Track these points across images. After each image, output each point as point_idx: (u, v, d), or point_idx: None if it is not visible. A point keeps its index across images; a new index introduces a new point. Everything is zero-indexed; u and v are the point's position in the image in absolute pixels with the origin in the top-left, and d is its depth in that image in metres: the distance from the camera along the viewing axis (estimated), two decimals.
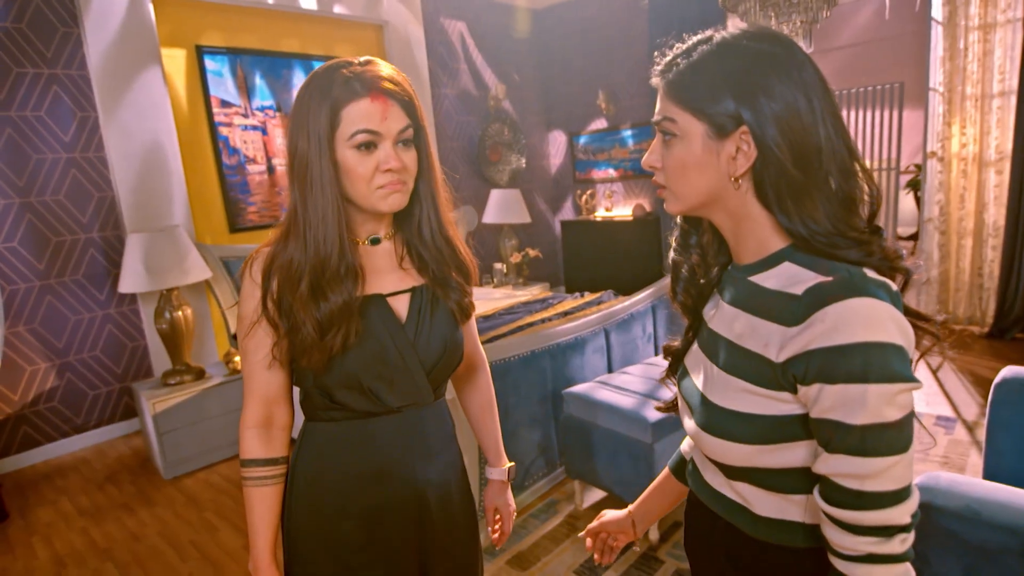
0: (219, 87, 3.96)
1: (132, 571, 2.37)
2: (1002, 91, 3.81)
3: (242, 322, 0.92)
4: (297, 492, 0.97)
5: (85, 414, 3.56)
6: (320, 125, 0.84)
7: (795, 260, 0.70)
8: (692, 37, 0.75)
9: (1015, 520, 1.06)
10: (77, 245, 3.48)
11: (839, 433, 0.61)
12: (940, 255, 4.18)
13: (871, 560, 0.62)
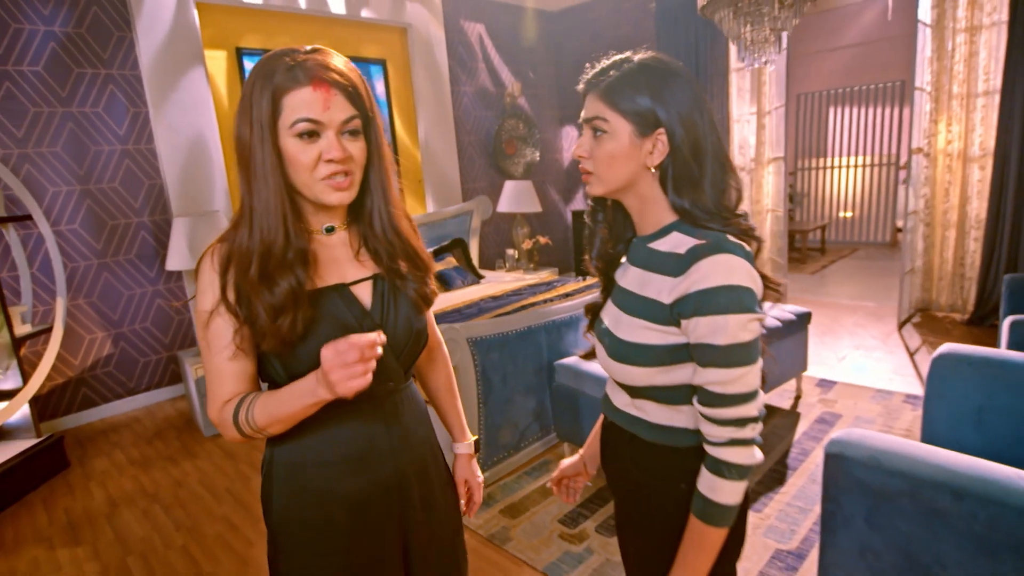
0: None
1: (175, 512, 2.58)
2: (986, 90, 3.79)
3: (200, 316, 0.86)
4: (278, 481, 0.92)
5: (137, 378, 3.80)
6: (262, 113, 0.80)
7: (681, 230, 0.88)
8: (614, 55, 0.90)
9: (907, 467, 1.17)
10: (130, 228, 3.69)
11: (709, 352, 0.80)
12: (924, 246, 4.20)
13: (732, 443, 0.82)
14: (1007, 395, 1.66)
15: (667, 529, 0.92)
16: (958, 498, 1.11)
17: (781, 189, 4.88)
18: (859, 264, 6.59)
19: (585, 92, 0.90)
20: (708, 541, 0.85)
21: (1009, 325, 2.08)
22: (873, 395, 3.10)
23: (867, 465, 1.22)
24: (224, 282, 0.83)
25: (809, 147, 8.05)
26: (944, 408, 1.77)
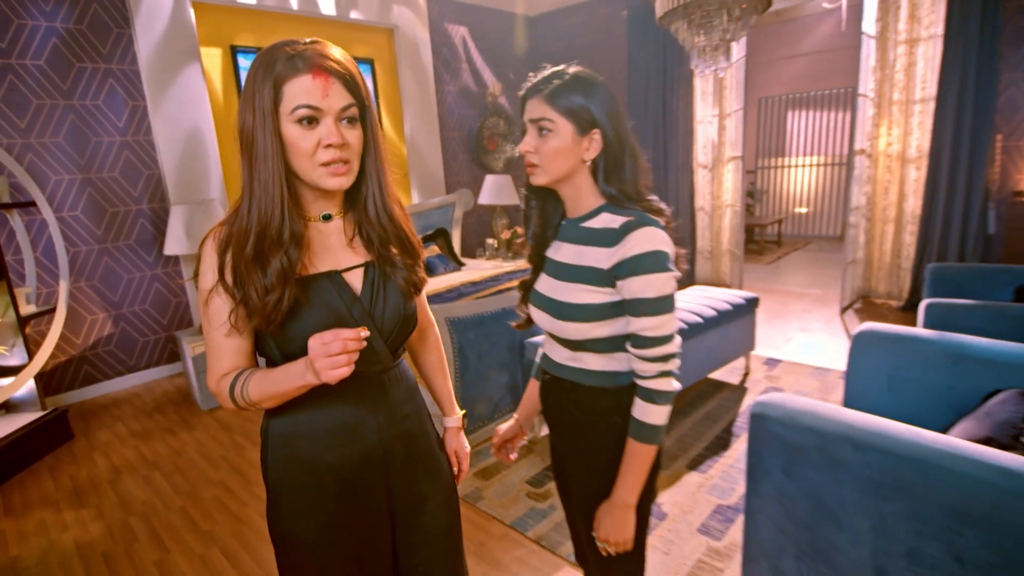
0: None
1: (174, 478, 2.64)
2: (923, 97, 3.94)
3: (201, 294, 0.87)
4: (273, 449, 0.94)
5: (136, 357, 3.83)
6: (264, 100, 0.80)
7: (609, 211, 1.02)
8: (551, 67, 1.04)
9: (816, 424, 1.29)
10: (129, 215, 3.70)
11: (642, 304, 0.96)
12: (866, 239, 4.36)
13: (660, 375, 0.99)
14: (914, 366, 1.79)
15: (606, 456, 1.06)
16: (857, 449, 1.23)
17: (739, 186, 5.01)
18: (811, 256, 6.78)
19: (528, 97, 1.02)
20: (644, 457, 1.01)
21: (925, 307, 2.22)
22: (813, 372, 3.26)
23: (783, 423, 1.34)
24: (222, 263, 0.84)
25: (769, 147, 8.21)
26: (862, 378, 1.90)
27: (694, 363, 2.81)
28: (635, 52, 5.28)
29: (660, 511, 2.10)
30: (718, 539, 1.94)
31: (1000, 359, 1.67)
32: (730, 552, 1.86)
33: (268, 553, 2.07)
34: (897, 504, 1.19)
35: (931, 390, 1.76)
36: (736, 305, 3.04)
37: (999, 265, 2.65)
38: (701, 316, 2.82)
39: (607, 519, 1.04)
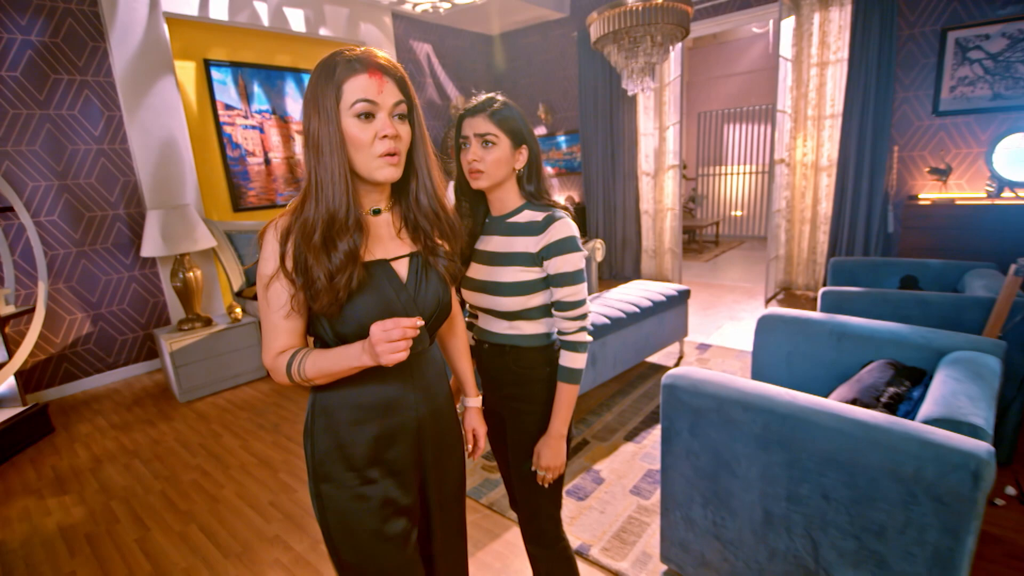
0: (223, 93, 4.12)
1: (154, 465, 2.64)
2: (832, 114, 4.20)
3: (261, 279, 0.90)
4: (317, 417, 0.97)
5: (115, 354, 3.77)
6: (328, 99, 0.84)
7: (528, 208, 1.18)
8: (484, 93, 1.18)
9: (714, 391, 1.43)
10: (106, 220, 3.64)
11: (564, 277, 1.14)
12: (786, 238, 4.61)
13: (580, 331, 1.18)
14: (806, 344, 1.97)
15: (540, 401, 1.23)
16: (746, 410, 1.38)
17: (678, 192, 5.22)
18: (744, 254, 7.08)
19: (470, 115, 1.15)
20: (571, 395, 1.20)
21: (821, 294, 2.41)
22: (737, 354, 3.46)
23: (689, 391, 1.48)
24: (283, 251, 0.87)
25: (708, 157, 8.51)
26: (766, 354, 2.07)
27: (633, 348, 2.96)
28: (585, 70, 5.44)
29: (598, 476, 2.23)
30: (647, 498, 2.08)
31: (875, 336, 1.86)
32: (656, 508, 2.00)
33: (243, 527, 2.12)
34: (778, 454, 1.34)
35: (820, 363, 1.93)
36: (670, 296, 3.20)
37: (887, 259, 2.88)
38: (639, 306, 2.97)
39: (546, 450, 1.20)
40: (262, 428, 2.97)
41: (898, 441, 1.17)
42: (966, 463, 1.09)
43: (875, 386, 1.54)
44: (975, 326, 2.03)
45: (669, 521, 1.63)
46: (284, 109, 4.51)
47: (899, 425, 1.20)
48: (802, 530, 1.33)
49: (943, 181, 3.86)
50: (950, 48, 3.77)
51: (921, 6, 3.82)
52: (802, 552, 1.34)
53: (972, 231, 3.52)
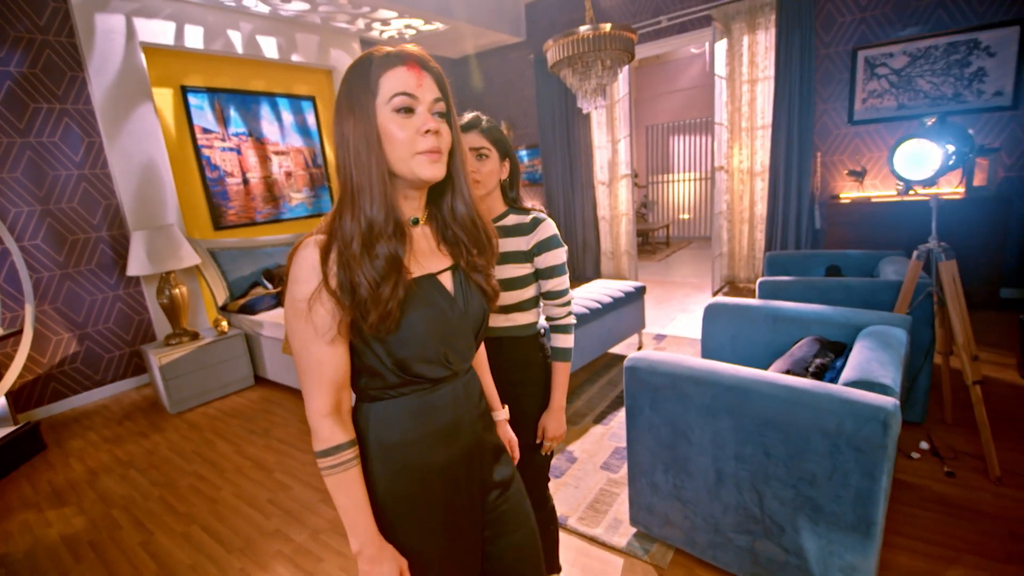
0: (201, 118, 4.07)
1: (150, 473, 2.60)
2: (763, 125, 4.45)
3: (297, 304, 0.75)
4: (375, 462, 0.83)
5: (103, 371, 3.67)
6: (363, 96, 0.76)
7: (512, 213, 1.28)
8: (471, 111, 1.28)
9: (669, 370, 1.55)
10: (89, 242, 3.55)
11: (552, 270, 1.26)
12: (728, 236, 4.84)
13: (567, 315, 1.30)
14: (747, 327, 2.12)
15: (539, 382, 1.33)
16: (697, 385, 1.50)
17: (631, 199, 5.41)
18: (692, 253, 7.36)
19: (464, 131, 1.23)
20: (566, 371, 1.31)
21: (759, 284, 2.58)
22: (690, 342, 3.63)
23: (648, 371, 1.59)
24: (326, 271, 0.75)
25: (657, 166, 8.80)
26: (713, 338, 2.21)
27: (597, 340, 3.08)
28: (542, 89, 5.58)
29: (571, 456, 2.33)
30: (616, 472, 2.19)
31: (804, 317, 2.02)
32: (624, 480, 2.11)
33: (244, 524, 2.12)
34: (725, 421, 1.46)
35: (759, 342, 2.09)
36: (628, 293, 3.35)
37: (815, 251, 3.09)
38: (601, 303, 3.10)
39: (551, 422, 1.31)
40: (253, 433, 2.96)
41: (823, 402, 1.30)
42: (877, 415, 1.23)
43: (804, 359, 1.69)
44: (888, 305, 2.23)
45: (636, 488, 1.74)
46: (260, 132, 4.48)
47: (823, 388, 1.33)
48: (749, 485, 1.45)
49: (860, 182, 4.15)
50: (860, 65, 4.06)
51: (835, 29, 4.11)
52: (750, 504, 1.47)
53: (885, 224, 3.80)
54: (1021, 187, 3.66)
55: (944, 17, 3.71)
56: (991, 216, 3.48)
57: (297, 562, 1.89)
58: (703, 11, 4.53)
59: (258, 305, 3.78)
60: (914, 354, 2.15)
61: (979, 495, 1.86)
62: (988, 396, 2.47)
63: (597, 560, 1.74)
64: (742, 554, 1.52)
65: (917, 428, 2.29)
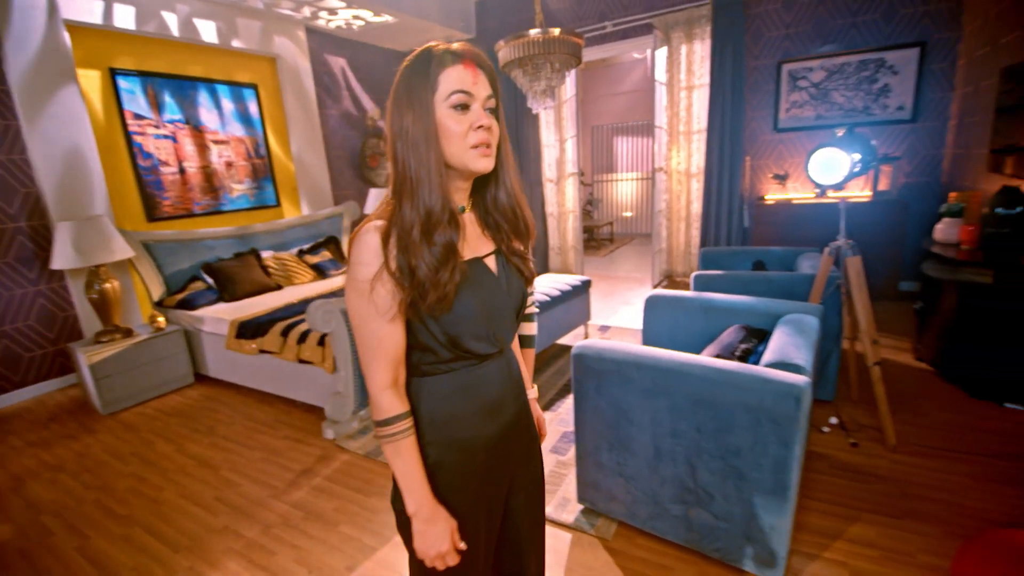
0: (132, 103, 3.83)
1: (83, 476, 2.46)
2: (699, 129, 4.72)
3: (360, 285, 0.80)
4: (429, 434, 0.89)
5: (23, 372, 3.39)
6: (422, 93, 0.80)
7: None
8: None
9: (613, 356, 1.66)
10: (5, 233, 3.27)
11: None
12: (667, 233, 5.11)
13: (532, 304, 1.24)
14: (683, 316, 2.28)
15: None
16: (638, 369, 1.62)
17: (577, 196, 5.57)
18: (635, 249, 7.66)
19: None
20: (532, 358, 1.25)
21: (693, 278, 2.77)
22: (632, 333, 3.81)
23: (594, 358, 1.70)
24: (387, 254, 0.80)
25: (602, 165, 9.08)
26: (652, 327, 2.37)
27: (546, 332, 3.19)
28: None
29: None
30: (564, 455, 2.30)
31: (732, 307, 2.20)
32: (572, 462, 2.22)
33: (190, 523, 2.06)
34: (662, 401, 1.59)
35: (693, 330, 2.25)
36: (575, 286, 3.48)
37: (743, 247, 3.34)
38: (549, 296, 3.21)
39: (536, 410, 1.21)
40: (196, 432, 2.85)
41: (747, 381, 1.45)
42: (792, 392, 1.39)
43: (732, 344, 1.86)
44: (804, 296, 2.46)
45: (583, 468, 1.85)
46: (198, 119, 4.27)
47: (747, 370, 1.48)
48: (683, 458, 1.59)
49: (783, 184, 4.50)
50: (784, 78, 4.39)
51: (762, 43, 4.41)
52: (684, 476, 1.61)
53: (804, 224, 4.15)
54: (918, 192, 4.10)
55: (857, 37, 4.08)
56: (892, 217, 3.88)
57: (250, 557, 1.86)
58: (645, 19, 4.73)
59: (198, 300, 3.62)
60: (825, 339, 2.39)
61: (877, 462, 2.11)
62: (886, 376, 2.78)
63: (549, 536, 1.83)
64: (677, 522, 1.67)
65: (828, 405, 2.55)
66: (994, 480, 1.95)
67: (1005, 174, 2.64)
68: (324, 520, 2.03)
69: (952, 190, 3.75)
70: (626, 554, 1.73)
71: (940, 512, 1.81)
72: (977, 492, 1.89)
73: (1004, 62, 2.93)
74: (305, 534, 1.96)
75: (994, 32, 3.16)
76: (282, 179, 4.99)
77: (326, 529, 1.98)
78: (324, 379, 2.81)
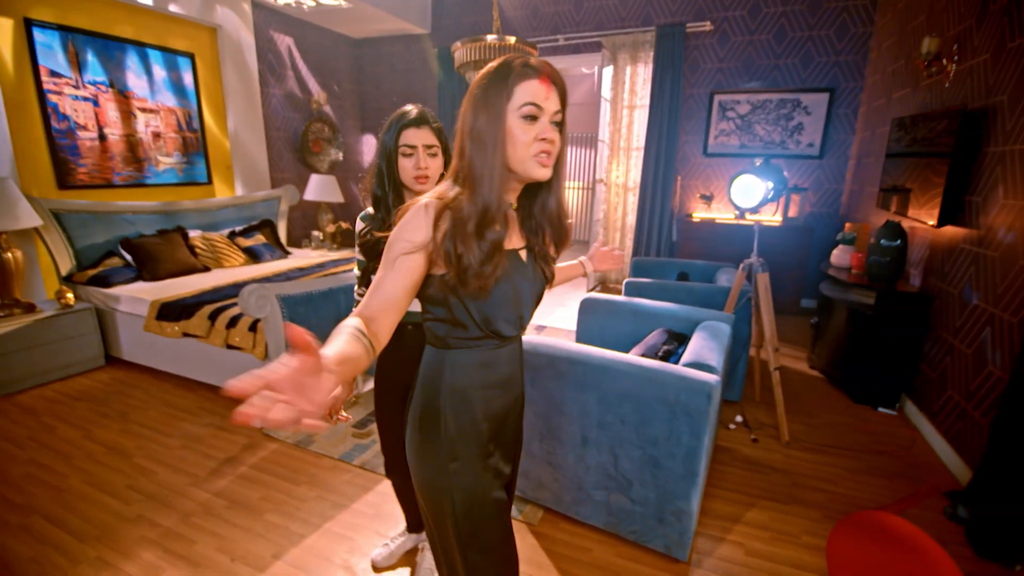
0: (49, 58, 3.48)
1: None
2: (638, 146, 4.98)
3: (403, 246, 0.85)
4: (445, 402, 0.96)
5: None
6: (499, 99, 0.85)
7: None
8: (415, 105, 1.34)
9: (549, 351, 1.76)
10: None
11: None
12: (603, 242, 5.35)
13: None
14: (613, 319, 2.43)
15: None
16: (571, 364, 1.72)
17: None
18: (573, 254, 7.91)
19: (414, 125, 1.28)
20: None
21: (624, 284, 2.95)
22: (567, 333, 3.97)
23: (530, 353, 1.78)
24: (435, 232, 0.85)
25: None
26: (586, 328, 2.50)
27: None
28: (444, 83, 5.63)
29: None
30: None
31: (658, 313, 2.37)
32: None
33: (99, 512, 1.94)
34: (592, 394, 1.70)
35: (622, 331, 2.41)
36: None
37: (671, 259, 3.59)
38: None
39: None
40: (106, 417, 2.66)
41: (666, 378, 1.59)
42: (704, 388, 1.54)
43: (655, 346, 2.01)
44: (720, 306, 2.69)
45: None
46: (124, 83, 3.94)
47: (667, 368, 1.62)
48: (607, 448, 1.71)
49: (708, 204, 4.85)
50: (715, 107, 4.74)
51: (698, 73, 4.74)
52: (607, 464, 1.73)
53: (725, 241, 4.50)
54: (822, 221, 4.57)
55: (779, 78, 4.49)
56: (799, 241, 4.30)
57: (166, 546, 1.78)
58: (595, 37, 4.94)
59: (114, 277, 3.36)
60: (735, 345, 2.63)
61: (773, 455, 2.36)
62: (785, 381, 3.10)
63: None
64: (599, 507, 1.79)
65: (735, 405, 2.80)
66: (865, 472, 2.24)
67: (890, 210, 3.03)
68: (249, 508, 1.97)
69: (848, 221, 4.22)
70: (551, 537, 1.83)
71: (821, 499, 2.06)
72: (851, 482, 2.17)
73: (896, 113, 3.36)
74: (228, 523, 1.90)
75: (889, 86, 3.61)
76: (216, 156, 4.71)
77: (251, 517, 1.93)
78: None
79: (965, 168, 2.35)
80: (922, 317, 2.60)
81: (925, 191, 2.56)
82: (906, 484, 2.15)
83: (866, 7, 4.14)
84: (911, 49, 3.21)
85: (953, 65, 2.58)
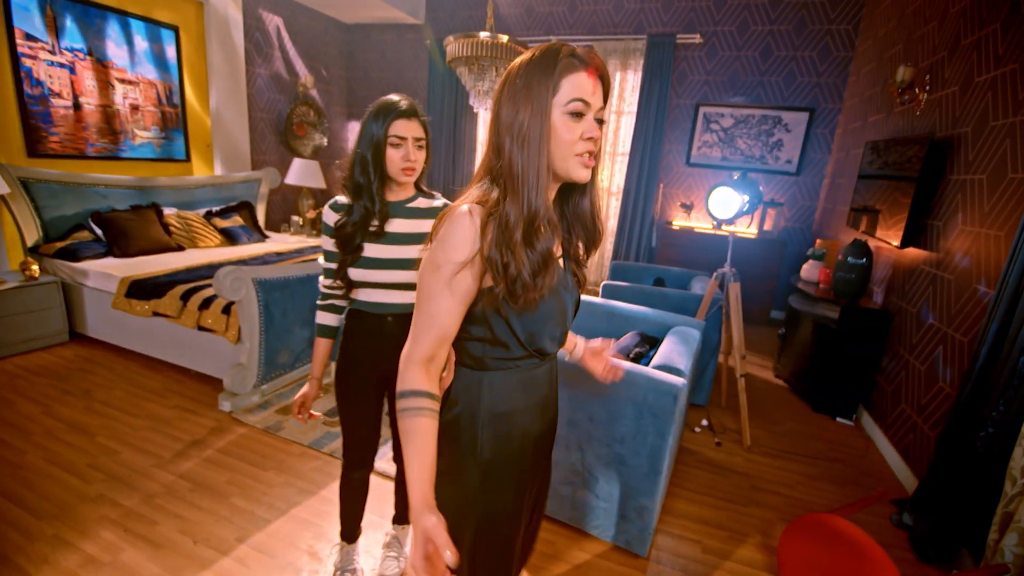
0: (25, 20, 3.35)
1: None
2: (624, 152, 5.06)
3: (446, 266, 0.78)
4: (486, 429, 0.88)
5: None
6: (544, 92, 0.77)
7: (420, 196, 1.37)
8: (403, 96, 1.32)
9: None
10: None
11: None
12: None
13: None
14: (590, 320, 2.47)
15: None
16: None
17: None
18: None
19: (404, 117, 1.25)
20: None
21: (602, 286, 3.01)
22: None
23: None
24: (483, 242, 0.78)
25: None
26: None
27: None
28: (434, 76, 5.61)
29: None
30: None
31: (632, 316, 2.43)
32: None
33: (58, 490, 1.90)
34: (563, 392, 1.73)
35: (597, 332, 2.46)
36: None
37: (648, 264, 3.67)
38: None
39: None
40: (69, 394, 2.59)
41: (636, 379, 1.64)
42: (670, 390, 1.59)
43: (628, 347, 2.07)
44: (693, 312, 2.77)
45: None
46: (104, 52, 3.83)
47: (638, 370, 1.67)
48: (576, 445, 1.75)
49: (688, 213, 4.96)
50: (700, 119, 4.85)
51: (685, 85, 4.83)
52: (575, 461, 1.77)
53: (701, 250, 4.61)
54: (795, 236, 4.72)
55: (762, 94, 4.61)
56: (772, 254, 4.43)
57: (127, 526, 1.76)
58: (588, 41, 4.98)
59: (82, 251, 3.27)
60: (704, 351, 2.71)
61: (735, 459, 2.44)
62: (750, 388, 3.20)
63: None
64: (564, 502, 1.83)
65: (701, 409, 2.89)
66: (820, 478, 2.34)
67: (859, 229, 3.16)
68: (214, 492, 1.96)
69: (819, 237, 4.37)
70: None
71: (777, 502, 2.15)
72: (807, 487, 2.27)
73: (870, 136, 3.49)
74: (192, 505, 1.88)
75: (865, 110, 3.75)
76: (195, 133, 4.61)
77: (216, 501, 1.91)
78: (225, 349, 2.68)
79: (929, 193, 2.47)
80: (882, 333, 2.72)
81: (893, 213, 2.68)
82: (857, 491, 2.26)
83: (848, 32, 4.28)
84: (887, 76, 3.34)
85: (925, 94, 2.70)
